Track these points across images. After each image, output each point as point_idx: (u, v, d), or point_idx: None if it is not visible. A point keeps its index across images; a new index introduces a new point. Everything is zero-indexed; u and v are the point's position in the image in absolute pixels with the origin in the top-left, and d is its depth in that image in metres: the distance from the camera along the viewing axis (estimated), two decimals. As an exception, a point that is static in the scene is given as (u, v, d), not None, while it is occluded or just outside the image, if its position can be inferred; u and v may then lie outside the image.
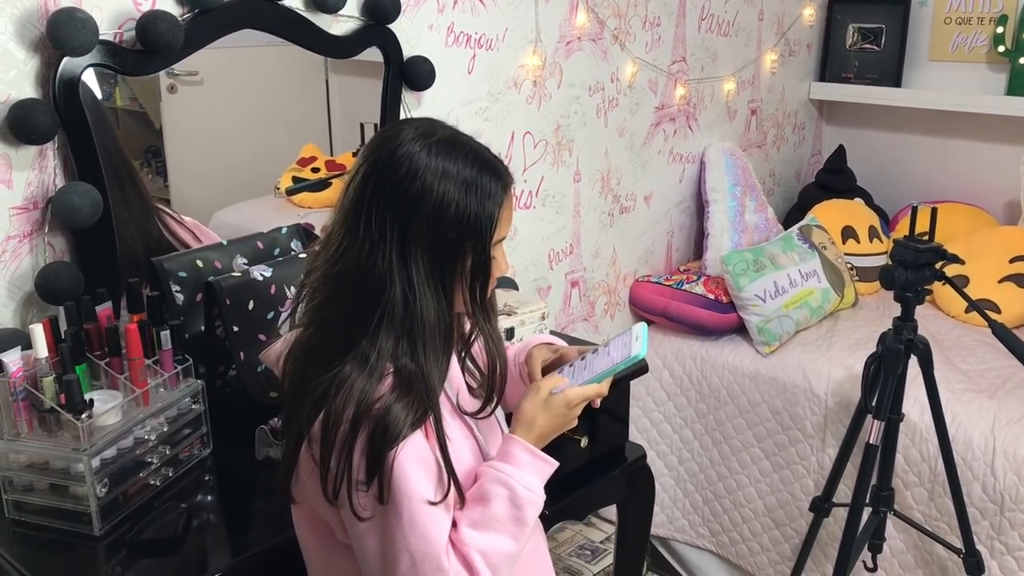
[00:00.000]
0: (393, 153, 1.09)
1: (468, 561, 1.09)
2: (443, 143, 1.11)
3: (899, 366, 1.97)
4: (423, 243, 1.09)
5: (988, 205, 3.13)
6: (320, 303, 1.14)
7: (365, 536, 1.09)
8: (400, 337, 1.09)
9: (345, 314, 1.10)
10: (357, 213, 1.10)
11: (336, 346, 1.10)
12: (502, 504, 1.12)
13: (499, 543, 1.11)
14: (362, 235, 1.09)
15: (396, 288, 1.08)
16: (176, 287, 1.66)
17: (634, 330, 1.26)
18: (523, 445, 1.16)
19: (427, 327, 1.10)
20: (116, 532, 1.35)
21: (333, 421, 1.06)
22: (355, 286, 1.10)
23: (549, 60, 2.35)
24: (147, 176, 1.80)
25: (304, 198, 2.05)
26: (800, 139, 3.48)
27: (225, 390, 1.68)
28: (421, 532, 1.06)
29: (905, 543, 2.30)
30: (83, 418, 1.31)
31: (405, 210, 1.08)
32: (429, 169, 1.08)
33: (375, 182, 1.09)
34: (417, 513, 1.06)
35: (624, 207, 2.73)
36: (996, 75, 3.04)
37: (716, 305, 2.64)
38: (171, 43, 1.52)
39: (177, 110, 1.84)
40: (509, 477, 1.13)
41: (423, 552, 1.06)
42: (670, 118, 2.80)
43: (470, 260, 1.12)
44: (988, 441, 2.16)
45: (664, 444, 2.76)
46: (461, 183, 1.10)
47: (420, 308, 1.09)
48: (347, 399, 1.06)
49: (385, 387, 1.08)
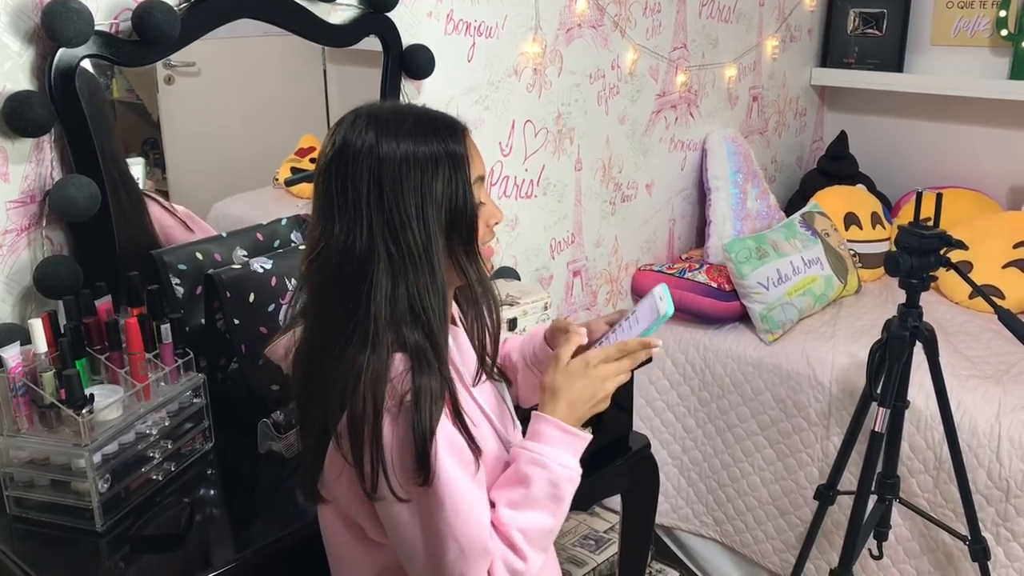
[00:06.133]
0: (343, 138, 1.09)
1: (510, 540, 1.10)
2: (385, 111, 1.11)
3: (904, 353, 1.96)
4: (398, 206, 1.07)
5: (991, 190, 3.11)
6: (310, 299, 1.14)
7: (406, 529, 1.08)
8: (395, 307, 1.07)
9: (336, 301, 1.09)
10: (326, 207, 1.10)
11: (335, 336, 1.09)
12: (539, 484, 1.12)
13: (538, 520, 1.13)
14: (336, 224, 1.08)
15: (381, 259, 1.07)
16: (176, 280, 1.64)
17: (655, 292, 1.25)
18: (551, 422, 1.16)
19: (420, 288, 1.08)
20: (118, 528, 1.34)
21: (358, 416, 1.04)
22: (338, 271, 1.08)
23: (549, 47, 2.33)
24: (145, 168, 1.78)
25: (303, 188, 2.03)
26: (801, 125, 3.46)
27: (227, 383, 1.67)
28: (465, 518, 1.06)
29: (910, 530, 2.30)
30: (84, 413, 1.30)
31: (369, 183, 1.07)
32: (381, 135, 1.08)
33: (335, 171, 1.09)
34: (459, 499, 1.06)
35: (626, 195, 2.71)
36: (999, 59, 3.02)
37: (719, 293, 2.63)
38: (168, 33, 1.50)
39: (174, 101, 1.82)
40: (543, 457, 1.13)
41: (469, 538, 1.06)
42: (671, 105, 2.78)
43: (448, 206, 1.10)
44: (993, 428, 2.15)
45: (667, 433, 2.75)
46: (416, 133, 1.09)
47: (410, 271, 1.08)
48: (366, 390, 1.04)
49: (398, 367, 1.06)
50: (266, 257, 1.67)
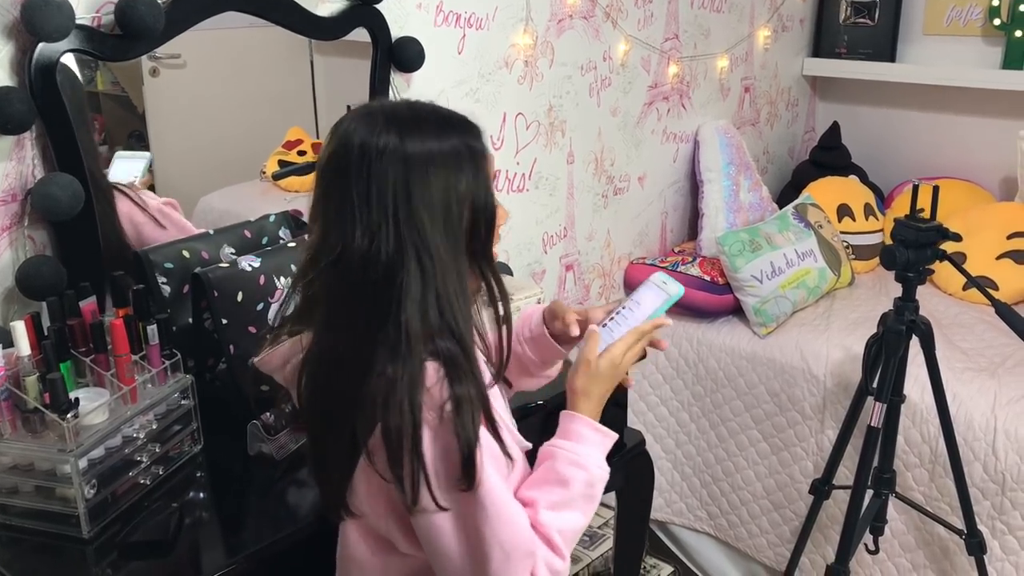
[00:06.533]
0: (362, 139, 1.05)
1: (551, 541, 1.11)
2: (402, 109, 1.08)
3: (901, 347, 1.94)
4: (426, 207, 1.04)
5: (984, 181, 3.10)
6: (328, 308, 1.09)
7: (447, 539, 1.06)
8: (426, 314, 1.04)
9: (361, 310, 1.05)
10: (342, 210, 1.05)
11: (361, 347, 1.04)
12: (578, 486, 1.14)
13: (574, 521, 1.14)
14: (357, 229, 1.04)
15: (410, 264, 1.03)
16: (162, 279, 1.61)
17: (654, 279, 1.28)
18: (588, 423, 1.18)
19: (451, 293, 1.05)
20: (106, 534, 1.31)
21: (396, 429, 1.01)
22: (363, 278, 1.04)
23: (540, 39, 2.30)
24: (148, 163, 1.76)
25: (291, 182, 2.01)
26: (793, 116, 3.44)
27: (215, 384, 1.64)
28: (508, 522, 1.06)
29: (906, 524, 2.29)
30: (68, 418, 1.27)
31: (395, 184, 1.03)
32: (405, 134, 1.04)
33: (354, 173, 1.04)
34: (500, 504, 1.05)
35: (618, 188, 2.69)
36: (991, 48, 3.00)
37: (712, 287, 2.61)
38: (152, 27, 1.46)
39: (160, 94, 1.79)
40: (583, 458, 1.15)
41: (513, 542, 1.06)
42: (663, 97, 2.76)
43: (470, 205, 1.08)
44: (989, 421, 2.14)
45: (660, 427, 2.74)
46: (438, 131, 1.07)
47: (439, 276, 1.04)
48: (402, 402, 1.01)
49: (432, 375, 1.03)
50: (254, 255, 1.63)
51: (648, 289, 1.28)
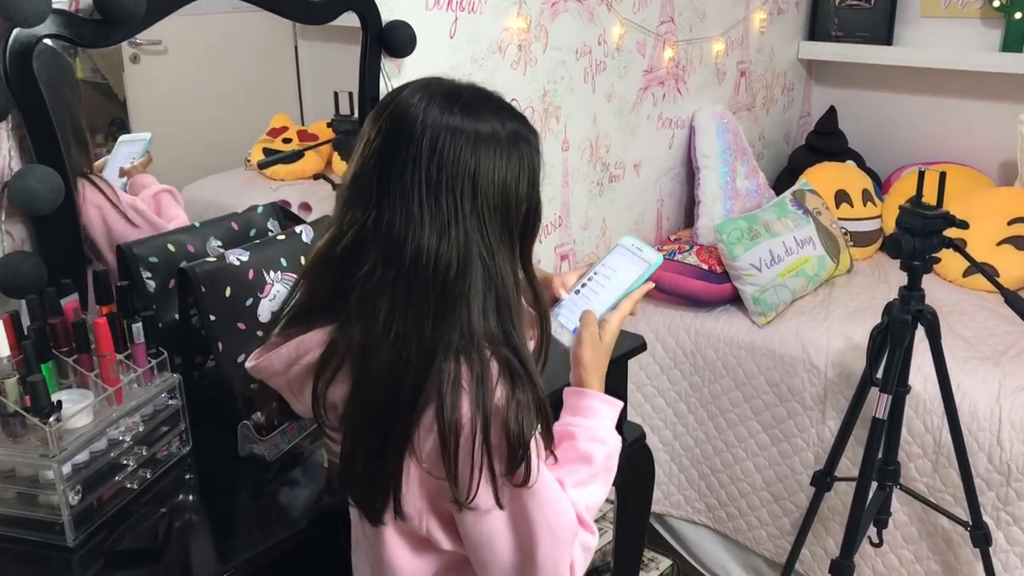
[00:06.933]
0: (431, 124, 1.00)
1: (582, 520, 1.10)
2: (468, 91, 1.04)
3: (906, 337, 1.90)
4: (492, 204, 1.01)
5: (983, 165, 3.06)
6: (391, 307, 1.01)
7: (499, 532, 1.04)
8: (487, 320, 1.00)
9: (424, 314, 0.99)
10: (405, 203, 0.99)
11: (426, 348, 0.99)
12: (600, 460, 1.15)
13: (598, 495, 1.15)
14: (426, 226, 0.99)
15: (476, 266, 1.00)
16: (147, 273, 1.55)
17: (624, 243, 1.28)
18: (600, 397, 1.19)
19: (509, 295, 1.03)
20: (91, 542, 1.26)
21: (456, 426, 0.97)
22: (432, 280, 0.99)
23: (534, 23, 2.24)
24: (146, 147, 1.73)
25: (277, 171, 1.98)
26: (789, 101, 3.40)
27: (203, 382, 1.59)
28: (554, 503, 1.05)
29: (908, 515, 2.26)
30: (51, 421, 1.21)
31: (464, 179, 0.99)
32: (471, 119, 1.01)
33: (423, 163, 0.99)
34: (548, 489, 1.04)
35: (613, 176, 2.64)
36: (990, 31, 2.96)
37: (710, 275, 2.56)
38: (132, 12, 1.40)
39: (141, 81, 1.74)
40: (600, 432, 1.16)
41: (560, 523, 1.05)
42: (659, 81, 2.70)
43: (528, 200, 1.06)
44: (994, 410, 2.11)
45: (658, 418, 2.69)
46: (501, 115, 1.04)
47: (501, 277, 1.02)
48: (463, 399, 0.97)
49: (495, 375, 0.99)
50: (243, 248, 1.57)
51: (621, 255, 1.27)
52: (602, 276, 1.27)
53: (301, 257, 1.64)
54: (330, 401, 1.09)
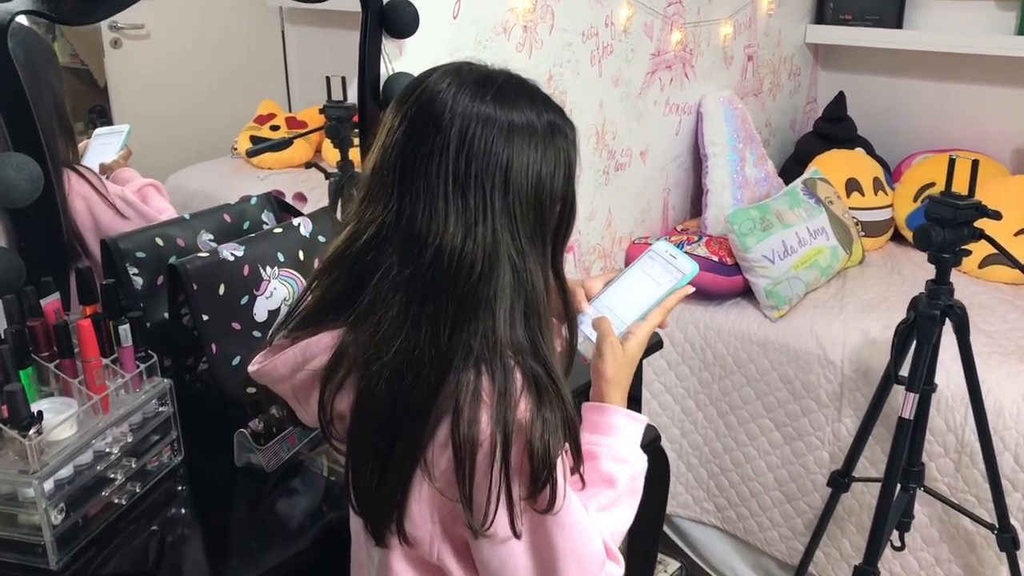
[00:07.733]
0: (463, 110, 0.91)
1: (607, 547, 1.02)
2: (504, 77, 0.95)
3: (935, 333, 1.82)
4: (527, 200, 0.93)
5: (996, 152, 2.97)
6: (407, 309, 0.92)
7: (519, 560, 0.95)
8: (513, 326, 0.92)
9: (446, 316, 0.90)
10: (430, 196, 0.91)
11: (444, 355, 0.90)
12: (623, 481, 1.07)
13: (623, 520, 1.07)
14: (450, 220, 0.90)
15: (505, 267, 0.91)
16: (134, 270, 1.45)
17: (658, 249, 1.20)
18: (622, 413, 1.10)
19: (538, 299, 0.94)
20: (76, 563, 1.16)
21: (473, 445, 0.88)
22: (455, 279, 0.90)
23: (540, 2, 2.13)
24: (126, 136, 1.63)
25: (264, 159, 1.89)
26: (796, 86, 3.30)
27: (195, 385, 1.49)
28: (580, 530, 0.96)
29: (929, 516, 2.17)
30: (31, 434, 1.11)
31: (496, 171, 0.91)
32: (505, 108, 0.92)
33: (452, 152, 0.91)
34: (575, 515, 0.96)
35: (619, 163, 2.54)
36: (1005, 14, 2.86)
37: (720, 267, 2.47)
38: (117, -15, 1.29)
39: (122, 66, 1.66)
40: (626, 452, 1.08)
41: (588, 553, 0.97)
42: (666, 65, 2.60)
43: (563, 198, 0.98)
44: (1020, 408, 2.03)
45: (666, 416, 2.60)
46: (536, 105, 0.94)
47: (531, 282, 0.93)
48: (484, 417, 0.88)
49: (519, 389, 0.90)
50: (237, 243, 1.47)
51: (653, 261, 1.20)
52: (631, 284, 1.18)
53: (299, 252, 1.54)
54: (337, 411, 0.99)
